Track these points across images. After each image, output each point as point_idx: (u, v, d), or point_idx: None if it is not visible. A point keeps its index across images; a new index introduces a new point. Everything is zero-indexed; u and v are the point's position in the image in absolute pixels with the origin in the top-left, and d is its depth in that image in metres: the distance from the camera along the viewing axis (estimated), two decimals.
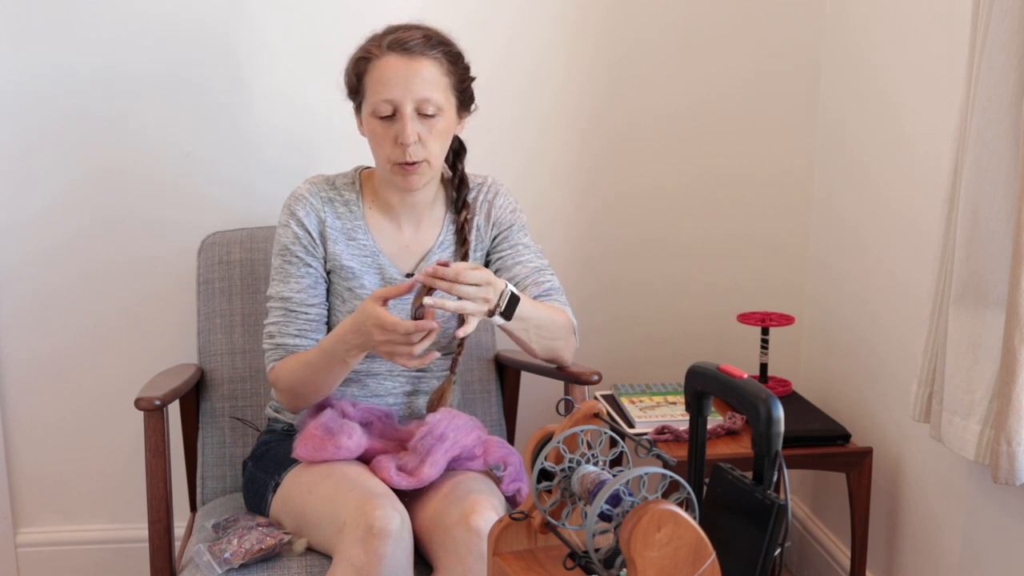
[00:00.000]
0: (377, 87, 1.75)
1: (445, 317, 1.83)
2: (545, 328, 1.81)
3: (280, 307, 1.83)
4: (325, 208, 1.85)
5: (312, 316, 1.82)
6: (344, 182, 1.89)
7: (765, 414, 1.13)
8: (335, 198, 1.87)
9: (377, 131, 1.77)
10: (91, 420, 2.42)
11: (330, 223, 1.85)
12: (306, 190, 1.86)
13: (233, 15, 2.29)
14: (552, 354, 1.88)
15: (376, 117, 1.76)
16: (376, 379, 1.89)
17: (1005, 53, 1.57)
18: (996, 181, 1.61)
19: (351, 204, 1.87)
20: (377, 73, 1.75)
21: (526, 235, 1.94)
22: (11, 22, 2.23)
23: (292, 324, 1.81)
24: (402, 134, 1.74)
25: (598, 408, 1.26)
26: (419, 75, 1.74)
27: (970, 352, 1.68)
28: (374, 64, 1.76)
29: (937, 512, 2.02)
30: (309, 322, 1.82)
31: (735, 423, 2.18)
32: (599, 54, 2.42)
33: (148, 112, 2.30)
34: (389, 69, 1.74)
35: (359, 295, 1.83)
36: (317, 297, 1.83)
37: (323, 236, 1.84)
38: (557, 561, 1.26)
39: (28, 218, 2.32)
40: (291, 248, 1.83)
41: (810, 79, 2.49)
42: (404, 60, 1.74)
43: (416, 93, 1.74)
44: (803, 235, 2.57)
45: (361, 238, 1.86)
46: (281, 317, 1.82)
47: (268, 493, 1.81)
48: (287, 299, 1.82)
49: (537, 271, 1.89)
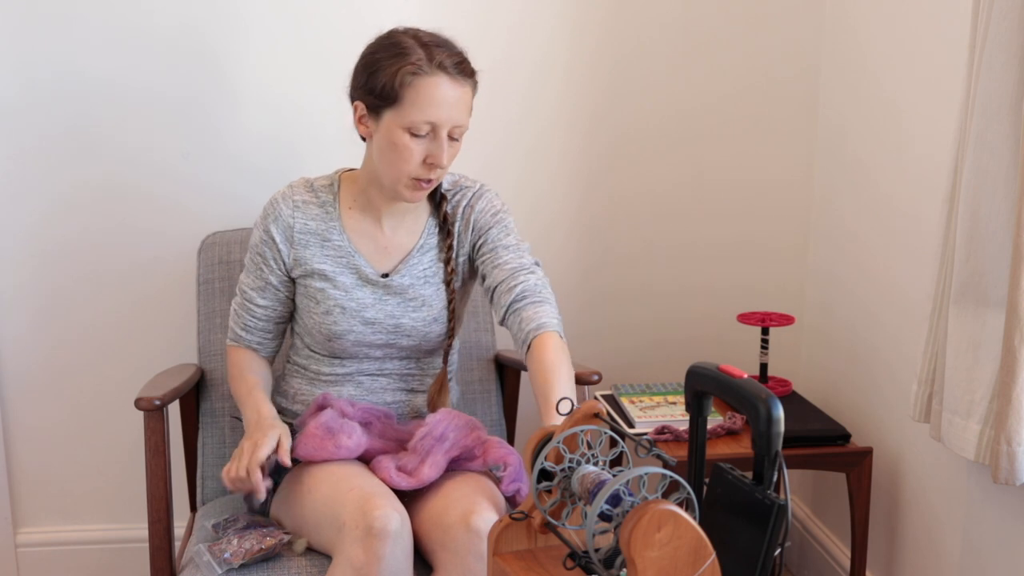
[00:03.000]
0: (423, 106, 1.72)
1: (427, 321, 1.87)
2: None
3: (239, 296, 1.93)
4: (295, 214, 1.86)
5: (257, 315, 1.90)
6: (322, 184, 1.90)
7: (765, 414, 1.13)
8: (311, 200, 1.88)
9: (407, 145, 1.74)
10: (91, 420, 2.42)
11: (300, 227, 1.86)
12: (280, 197, 1.88)
13: (239, 19, 2.29)
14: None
15: (409, 132, 1.74)
16: (369, 377, 1.90)
17: (1005, 53, 1.57)
18: (996, 181, 1.61)
19: (327, 206, 1.88)
20: (426, 92, 1.72)
21: (508, 235, 1.89)
22: (8, 30, 2.23)
23: (242, 318, 1.92)
24: (437, 157, 1.74)
25: (598, 408, 1.26)
26: (462, 102, 1.75)
27: (970, 352, 1.68)
28: (423, 80, 1.72)
29: (937, 512, 2.02)
30: (255, 319, 1.91)
31: (735, 423, 2.18)
32: (599, 56, 2.42)
33: (148, 114, 2.30)
34: (439, 91, 1.72)
35: (331, 296, 1.84)
36: (265, 300, 1.90)
37: (291, 241, 1.86)
38: (557, 561, 1.26)
39: (29, 219, 2.32)
40: (255, 248, 1.90)
41: (810, 81, 2.49)
42: (453, 85, 1.73)
43: (456, 120, 1.75)
44: (803, 235, 2.57)
45: (336, 239, 1.87)
46: (239, 307, 1.93)
47: (268, 493, 1.82)
48: (243, 291, 1.92)
49: (513, 273, 1.83)
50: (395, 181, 1.78)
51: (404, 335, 1.87)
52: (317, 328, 1.85)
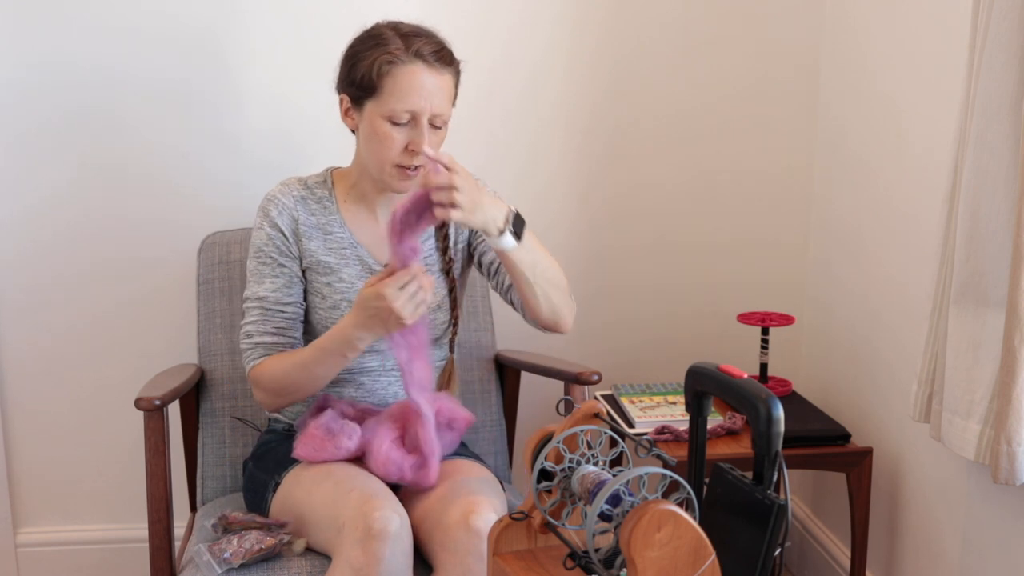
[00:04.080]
0: (401, 94, 1.74)
1: (433, 304, 1.86)
2: (550, 273, 1.80)
3: (256, 307, 1.84)
4: (298, 207, 1.86)
5: (288, 315, 1.83)
6: (316, 181, 1.91)
7: (765, 414, 1.13)
8: (308, 196, 1.88)
9: (388, 133, 1.76)
10: (91, 420, 2.42)
11: (304, 220, 1.86)
12: (278, 191, 1.88)
13: (231, 15, 2.29)
14: (555, 312, 1.85)
15: (389, 121, 1.76)
16: (371, 376, 1.89)
17: (1005, 53, 1.57)
18: (996, 181, 1.61)
19: (324, 201, 1.89)
20: (404, 80, 1.74)
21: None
22: (7, 20, 2.23)
23: (269, 323, 1.82)
24: (418, 144, 1.75)
25: (598, 408, 1.26)
26: (442, 90, 1.76)
27: (970, 352, 1.68)
28: (400, 69, 1.74)
29: (937, 512, 2.02)
30: (286, 320, 1.83)
31: (735, 423, 2.18)
32: (599, 54, 2.42)
33: (147, 111, 2.30)
34: (416, 79, 1.74)
35: (338, 289, 1.84)
36: (292, 296, 1.84)
37: (297, 234, 1.85)
38: (557, 561, 1.26)
39: (27, 217, 2.32)
40: (264, 250, 1.84)
41: (810, 79, 2.49)
42: (431, 73, 1.75)
43: (436, 107, 1.75)
44: (803, 235, 2.57)
45: (337, 231, 1.87)
46: (258, 316, 1.83)
47: (268, 493, 1.82)
48: (263, 299, 1.83)
49: None
50: (380, 171, 1.81)
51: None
52: (323, 323, 1.85)
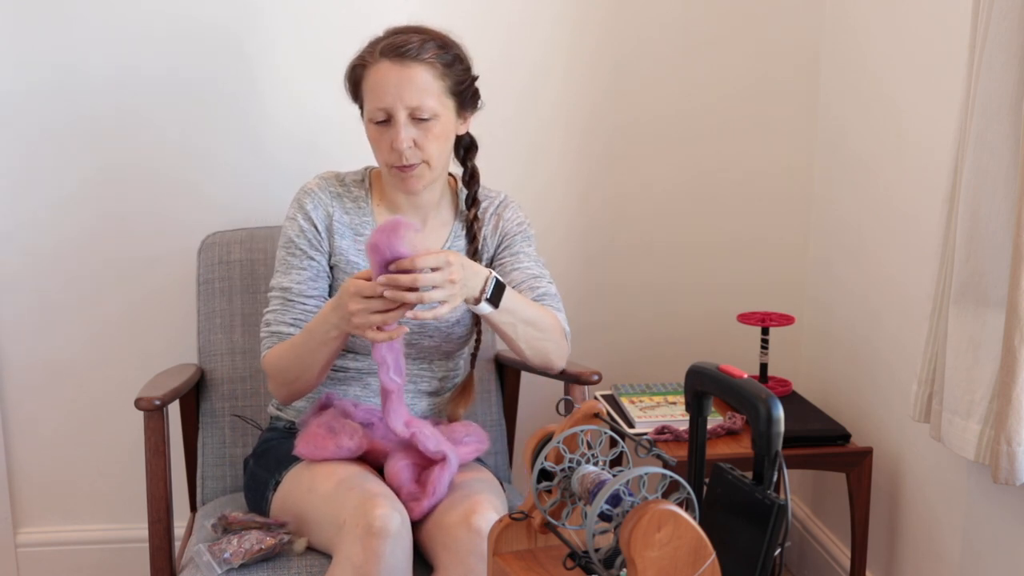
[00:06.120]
0: (371, 94, 1.77)
1: (450, 321, 1.86)
2: (534, 326, 1.79)
3: (279, 296, 1.84)
4: (333, 203, 1.87)
5: (309, 307, 1.83)
6: (354, 179, 1.92)
7: (765, 414, 1.13)
8: (344, 194, 1.89)
9: (374, 136, 1.80)
10: (91, 420, 2.42)
11: (337, 218, 1.86)
12: (316, 185, 1.88)
13: (241, 16, 2.29)
14: (543, 357, 1.86)
15: (373, 123, 1.79)
16: (376, 376, 1.88)
17: (1005, 53, 1.57)
18: (996, 181, 1.61)
19: (360, 200, 1.89)
20: (372, 80, 1.77)
21: (529, 245, 1.94)
22: (16, 21, 2.23)
23: (288, 313, 1.83)
24: (395, 140, 1.76)
25: (598, 408, 1.26)
26: (411, 82, 1.75)
27: (970, 352, 1.68)
28: (369, 71, 1.77)
29: (937, 512, 2.02)
30: (305, 312, 1.83)
31: (735, 423, 2.18)
32: (599, 54, 2.42)
33: (149, 113, 2.30)
34: (381, 76, 1.76)
35: None
36: (317, 290, 1.84)
37: (330, 230, 1.86)
38: (557, 561, 1.26)
39: (29, 218, 2.32)
40: (295, 241, 1.84)
41: (810, 79, 2.49)
42: (396, 67, 1.75)
43: (408, 100, 1.75)
44: (803, 235, 2.57)
45: (368, 233, 1.87)
46: (279, 306, 1.84)
47: (268, 491, 1.82)
48: (286, 289, 1.84)
49: (534, 277, 1.89)
50: (386, 175, 1.85)
51: (427, 335, 1.87)
52: None
